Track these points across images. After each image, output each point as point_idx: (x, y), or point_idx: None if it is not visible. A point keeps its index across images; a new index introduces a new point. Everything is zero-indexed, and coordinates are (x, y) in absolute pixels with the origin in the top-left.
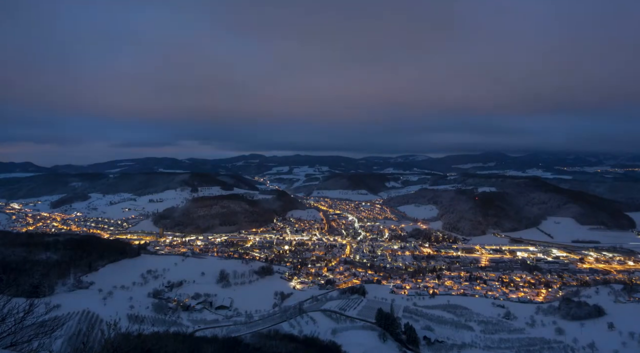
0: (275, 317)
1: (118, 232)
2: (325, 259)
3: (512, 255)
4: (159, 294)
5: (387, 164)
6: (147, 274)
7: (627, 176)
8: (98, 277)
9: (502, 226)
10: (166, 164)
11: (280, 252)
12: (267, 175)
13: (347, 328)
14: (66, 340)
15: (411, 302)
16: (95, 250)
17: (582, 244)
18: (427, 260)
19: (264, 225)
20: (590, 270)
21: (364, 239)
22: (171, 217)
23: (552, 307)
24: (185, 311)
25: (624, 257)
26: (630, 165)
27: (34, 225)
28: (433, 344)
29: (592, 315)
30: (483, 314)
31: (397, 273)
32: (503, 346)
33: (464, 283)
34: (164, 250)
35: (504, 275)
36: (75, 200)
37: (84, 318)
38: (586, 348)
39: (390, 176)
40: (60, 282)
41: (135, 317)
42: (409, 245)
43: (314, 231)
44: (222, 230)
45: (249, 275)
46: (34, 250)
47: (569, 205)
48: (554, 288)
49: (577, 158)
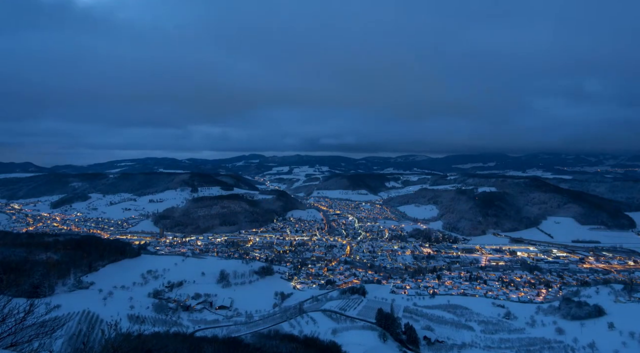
0: (275, 317)
1: (118, 232)
2: (326, 259)
3: (512, 255)
4: (159, 294)
5: (387, 164)
6: (147, 274)
7: (627, 176)
8: (98, 277)
9: (502, 226)
10: (166, 164)
11: (280, 252)
12: (267, 176)
13: (348, 328)
14: (66, 341)
15: (411, 302)
16: (96, 250)
17: (582, 244)
18: (427, 260)
19: (264, 225)
20: (591, 270)
21: (364, 239)
22: (171, 217)
23: (552, 306)
24: (185, 311)
25: (624, 257)
26: (630, 165)
27: (34, 226)
28: (433, 344)
29: (592, 315)
30: (483, 314)
31: (397, 273)
32: (503, 346)
33: (464, 283)
34: (164, 250)
35: (504, 275)
36: (75, 201)
37: (84, 319)
38: (586, 348)
39: (390, 176)
40: (60, 282)
41: (136, 317)
42: (409, 245)
43: (314, 231)
44: (222, 230)
45: (249, 275)
46: (34, 251)
47: (569, 205)
48: (554, 288)
49: (577, 158)
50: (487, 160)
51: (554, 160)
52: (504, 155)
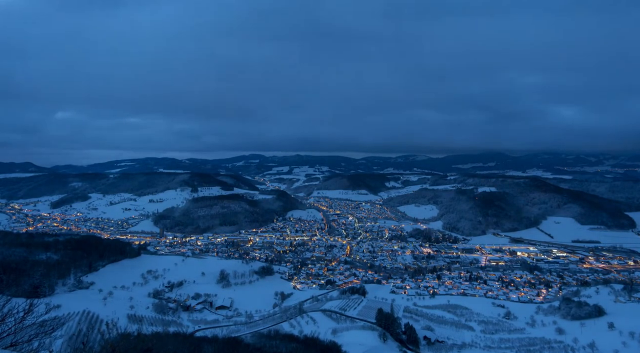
0: (275, 317)
1: (118, 232)
2: (326, 259)
3: (512, 255)
4: (159, 294)
5: (387, 164)
6: (147, 274)
7: (627, 176)
8: (98, 277)
9: (502, 226)
10: (166, 164)
11: (280, 252)
12: (267, 175)
13: (348, 328)
14: (66, 340)
15: (411, 302)
16: (96, 250)
17: (582, 244)
18: (427, 260)
19: (264, 225)
20: (591, 270)
21: (364, 239)
22: (171, 217)
23: (552, 306)
24: (185, 311)
25: (624, 257)
26: (630, 165)
27: (34, 226)
28: (433, 344)
29: (592, 315)
30: (483, 314)
31: (397, 273)
32: (503, 346)
33: (464, 283)
34: (164, 250)
35: (504, 275)
36: (75, 201)
37: (84, 319)
38: (586, 348)
39: (390, 176)
40: (60, 282)
41: (136, 317)
42: (409, 245)
43: (314, 231)
44: (223, 230)
45: (249, 275)
46: (34, 251)
47: (569, 205)
48: (554, 288)
49: (577, 158)
50: (487, 160)
51: (554, 160)
52: (504, 155)
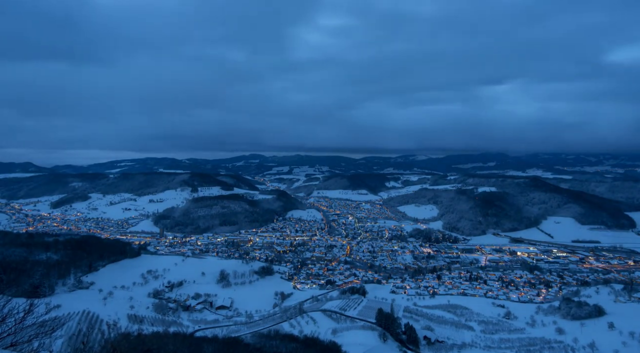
0: (275, 317)
1: (118, 232)
2: (326, 259)
3: (512, 255)
4: (159, 294)
5: (387, 164)
6: (147, 274)
7: (627, 176)
8: (98, 277)
9: (502, 226)
10: (166, 164)
11: (280, 252)
12: (267, 176)
13: (348, 328)
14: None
15: (411, 302)
16: (96, 250)
17: (582, 244)
18: (427, 260)
19: (264, 225)
20: (591, 270)
21: (364, 239)
22: (171, 217)
23: (552, 306)
24: (185, 311)
25: (624, 257)
26: (630, 165)
27: (34, 226)
28: (433, 344)
29: (592, 315)
30: (483, 314)
31: (397, 273)
32: (503, 346)
33: (464, 283)
34: (164, 250)
35: (504, 275)
36: (75, 201)
37: (84, 319)
38: (586, 348)
39: (390, 176)
40: (60, 282)
41: (136, 317)
42: (409, 245)
43: (314, 231)
44: (223, 230)
45: (249, 275)
46: (34, 251)
47: (569, 205)
48: (554, 288)
49: (577, 158)
50: (487, 160)
51: (554, 160)
52: (504, 155)
